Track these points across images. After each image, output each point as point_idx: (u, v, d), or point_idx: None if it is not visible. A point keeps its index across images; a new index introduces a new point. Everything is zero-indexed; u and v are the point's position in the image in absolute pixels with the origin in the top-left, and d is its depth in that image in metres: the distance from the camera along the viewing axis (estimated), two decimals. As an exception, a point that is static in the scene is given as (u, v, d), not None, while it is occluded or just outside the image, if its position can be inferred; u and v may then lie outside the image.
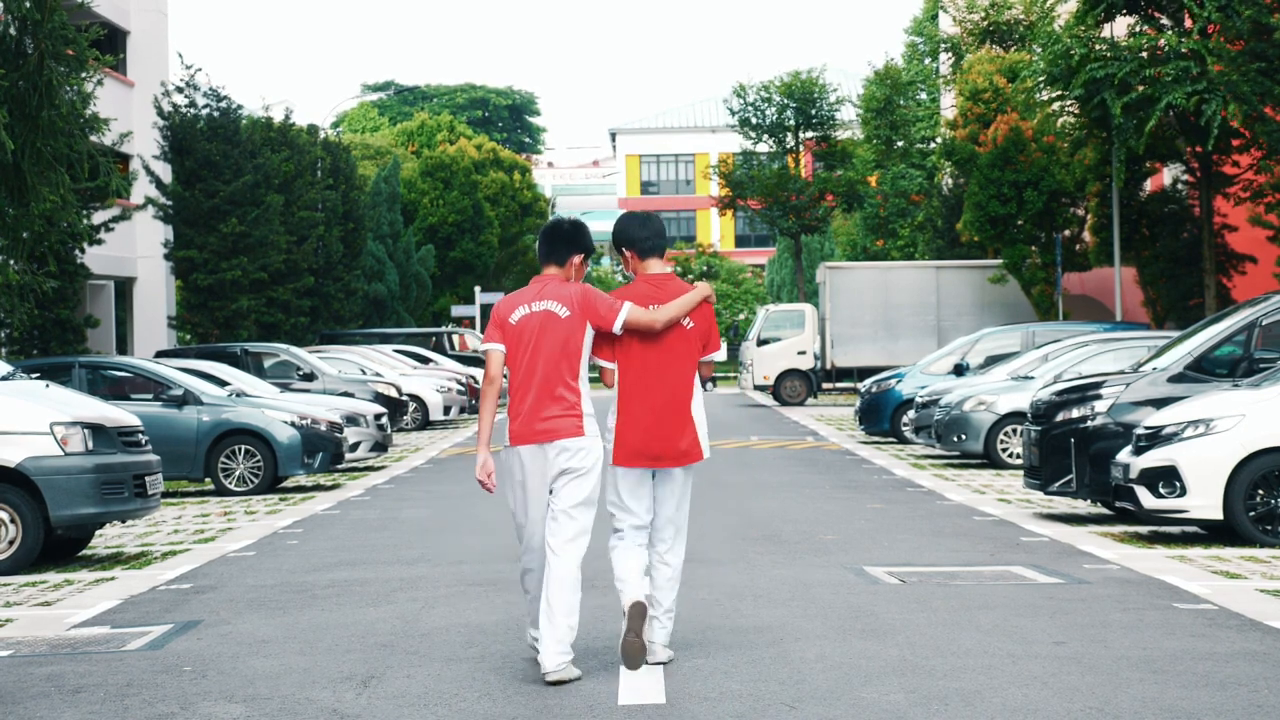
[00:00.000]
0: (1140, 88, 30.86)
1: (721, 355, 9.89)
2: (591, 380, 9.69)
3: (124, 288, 45.58)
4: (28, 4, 24.42)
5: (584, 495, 9.50)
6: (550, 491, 9.52)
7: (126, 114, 41.45)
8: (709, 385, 13.51)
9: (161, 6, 47.74)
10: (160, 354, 33.41)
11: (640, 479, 9.78)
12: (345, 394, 30.96)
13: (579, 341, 9.48)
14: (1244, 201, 33.12)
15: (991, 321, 41.23)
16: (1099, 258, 38.99)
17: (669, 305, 9.48)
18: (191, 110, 42.51)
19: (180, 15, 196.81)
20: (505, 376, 9.69)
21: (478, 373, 45.81)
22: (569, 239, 9.69)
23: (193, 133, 41.97)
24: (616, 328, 9.46)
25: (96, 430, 15.64)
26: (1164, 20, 32.40)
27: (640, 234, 9.74)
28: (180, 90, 42.53)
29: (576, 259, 9.71)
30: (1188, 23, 31.55)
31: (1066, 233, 42.26)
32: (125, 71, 45.64)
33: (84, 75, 26.22)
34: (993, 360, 29.64)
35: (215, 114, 42.82)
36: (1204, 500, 15.10)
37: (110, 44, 42.35)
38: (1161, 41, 31.42)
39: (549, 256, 9.69)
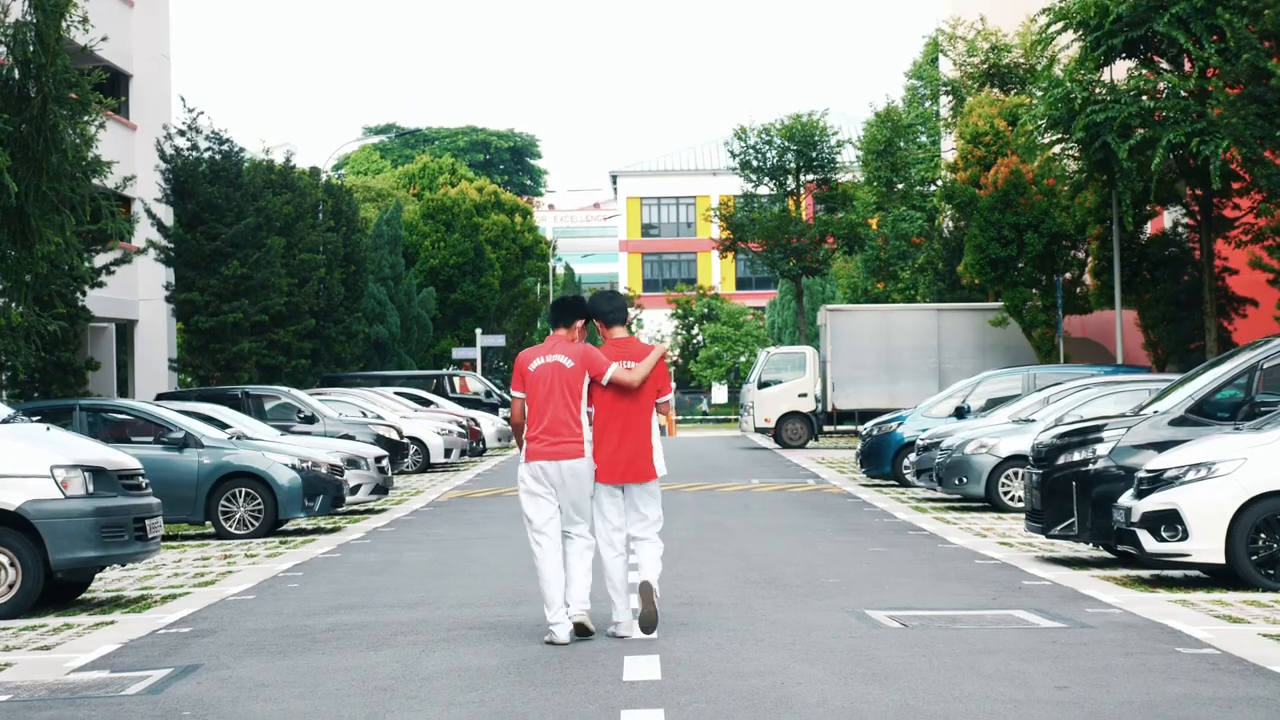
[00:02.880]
0: (1141, 130, 30.91)
1: (670, 396, 13.01)
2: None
3: (125, 330, 45.60)
4: (31, 48, 24.52)
5: (585, 504, 12.68)
6: (560, 499, 12.60)
7: (129, 157, 41.53)
8: (663, 428, 14.42)
9: (164, 50, 47.88)
10: (161, 397, 33.39)
11: (613, 493, 12.78)
12: (346, 436, 30.94)
13: (580, 387, 12.62)
14: (1245, 245, 33.10)
15: (993, 364, 41.20)
16: (1100, 300, 38.98)
17: (640, 366, 12.64)
18: (193, 153, 42.59)
19: (183, 59, 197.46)
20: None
21: (479, 415, 45.90)
22: (572, 309, 12.96)
23: (194, 175, 42.04)
24: (604, 380, 12.63)
25: (97, 473, 15.62)
26: (1163, 64, 32.47)
27: (607, 309, 13.01)
28: (182, 133, 42.61)
29: (578, 324, 12.92)
30: (1187, 66, 31.62)
31: (1067, 275, 42.26)
32: (128, 115, 45.75)
33: (87, 119, 26.29)
34: (994, 403, 29.61)
35: (217, 157, 42.90)
36: (1206, 544, 15.07)
37: (113, 87, 42.44)
38: (1161, 85, 31.50)
39: (557, 323, 12.92)
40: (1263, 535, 15.03)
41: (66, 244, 25.35)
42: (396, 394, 43.54)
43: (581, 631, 12.61)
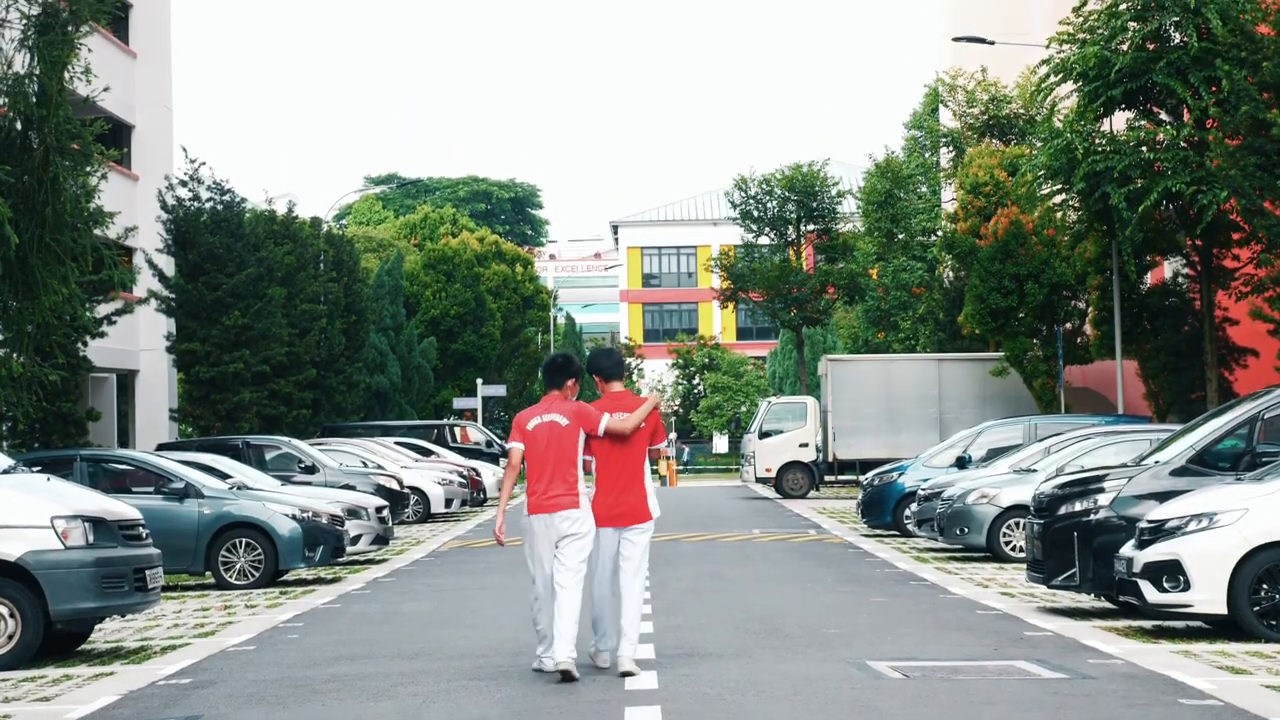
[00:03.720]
0: (1140, 180, 30.99)
1: (664, 444, 13.99)
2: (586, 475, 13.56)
3: (126, 380, 45.58)
4: (33, 99, 24.58)
5: (581, 550, 13.41)
6: (556, 547, 13.38)
7: (130, 207, 41.58)
8: (656, 471, 15.36)
9: (166, 101, 48.00)
10: (162, 447, 33.36)
11: (609, 537, 13.63)
12: (347, 486, 30.92)
13: (575, 443, 13.50)
14: (1245, 295, 33.13)
15: (993, 414, 41.17)
16: (1100, 351, 38.99)
17: (633, 415, 13.57)
18: (195, 203, 42.64)
19: (185, 109, 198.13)
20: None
21: (479, 465, 45.92)
22: (562, 370, 13.83)
23: (196, 226, 42.09)
24: (600, 431, 13.54)
25: (97, 524, 15.61)
26: (1162, 114, 32.58)
27: (606, 364, 13.99)
28: (184, 184, 42.68)
29: (569, 383, 13.83)
30: (1186, 117, 31.71)
31: (1068, 325, 42.29)
32: (130, 165, 45.84)
33: (89, 169, 26.34)
34: (995, 453, 29.60)
35: (219, 207, 42.94)
36: (1208, 595, 15.04)
37: (115, 138, 42.54)
38: (1160, 135, 31.59)
39: (549, 384, 13.81)
40: (1265, 586, 15.00)
41: (69, 295, 25.36)
42: (397, 444, 43.53)
43: (567, 678, 13.13)
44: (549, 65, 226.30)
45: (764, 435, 48.44)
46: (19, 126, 24.82)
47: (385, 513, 27.47)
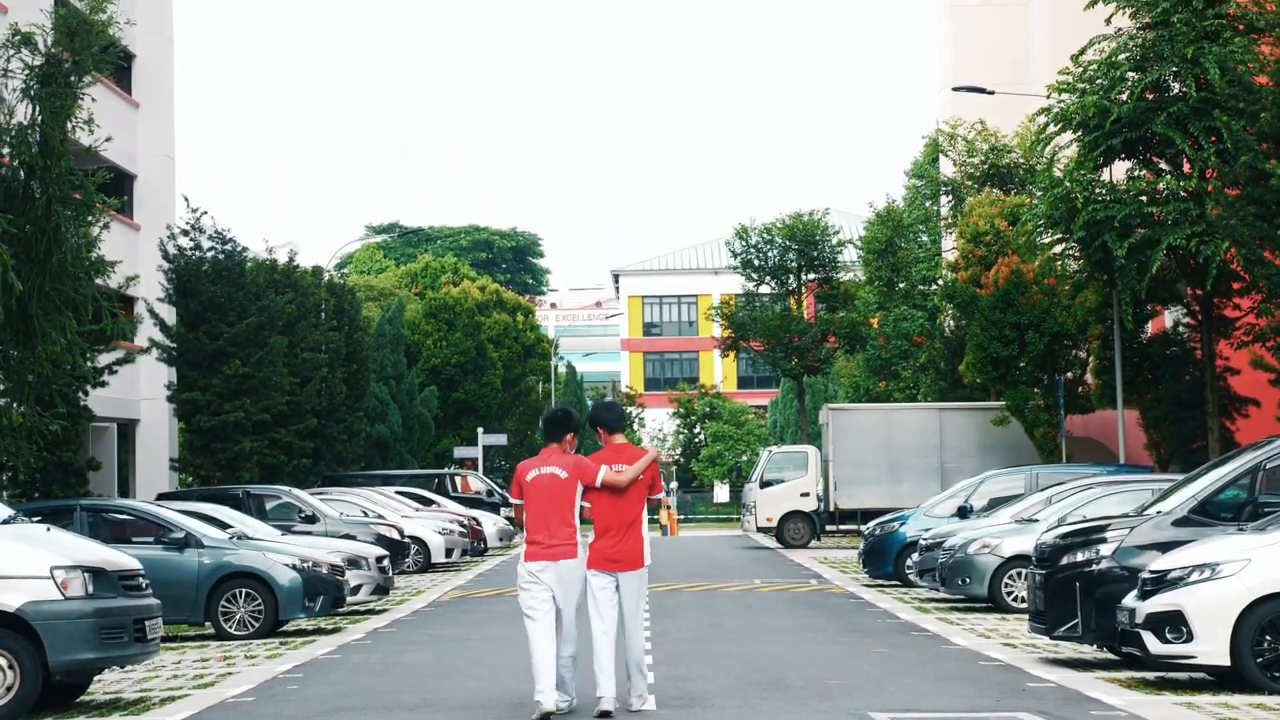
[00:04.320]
0: (1140, 230, 31.03)
1: (662, 495, 14.51)
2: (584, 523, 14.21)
3: (127, 430, 45.55)
4: (35, 150, 24.65)
5: (574, 600, 14.13)
6: (552, 595, 13.96)
7: (132, 257, 41.62)
8: (656, 520, 16.36)
9: (168, 150, 48.11)
10: (162, 496, 33.32)
11: (605, 582, 14.23)
12: (347, 536, 30.85)
13: (573, 494, 14.08)
14: (1246, 345, 33.14)
15: (995, 464, 41.11)
16: (1101, 400, 38.96)
17: (630, 469, 14.12)
18: (196, 253, 42.68)
19: (187, 158, 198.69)
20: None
21: (480, 515, 45.91)
22: (561, 424, 14.44)
23: (197, 275, 42.12)
24: (597, 484, 14.12)
25: (97, 574, 15.57)
26: (1162, 164, 32.63)
27: (608, 417, 14.58)
28: (185, 233, 42.73)
29: (568, 436, 14.42)
30: (1185, 167, 31.76)
31: (1069, 375, 42.27)
32: (131, 215, 45.91)
33: (90, 219, 26.39)
34: (996, 503, 29.56)
35: (220, 256, 42.98)
36: (1211, 646, 15.00)
37: (117, 188, 42.61)
38: (1160, 185, 31.64)
39: (549, 438, 14.43)
40: (1268, 637, 14.95)
41: (69, 344, 25.36)
42: (398, 493, 43.47)
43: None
44: (551, 115, 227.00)
45: (765, 484, 48.39)
46: (21, 176, 24.90)
47: (386, 562, 27.42)
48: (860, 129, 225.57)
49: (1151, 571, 15.60)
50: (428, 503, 44.50)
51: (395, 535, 34.77)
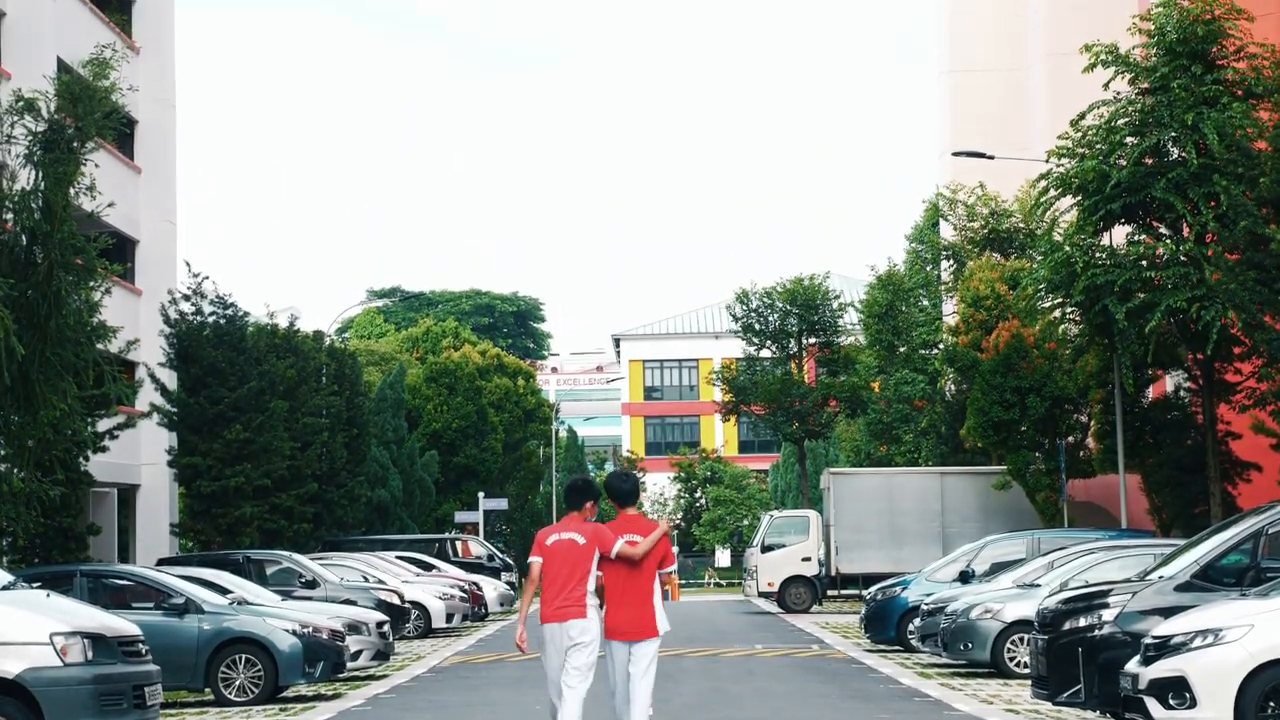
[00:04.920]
0: (1140, 295, 31.06)
1: (673, 567, 15.01)
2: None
3: (127, 495, 45.50)
4: (38, 215, 24.72)
5: (587, 658, 14.42)
6: (565, 654, 14.38)
7: (133, 321, 41.67)
8: (667, 593, 16.56)
9: (170, 216, 48.24)
10: (162, 562, 33.24)
11: (619, 650, 14.63)
12: (347, 601, 30.74)
13: (589, 560, 14.51)
14: (1247, 409, 33.14)
15: (996, 528, 41.03)
16: (1103, 464, 38.92)
17: (644, 542, 14.56)
18: (198, 318, 42.73)
19: (189, 222, 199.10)
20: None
21: (481, 580, 45.80)
22: (583, 493, 14.86)
23: (198, 340, 42.15)
24: (613, 554, 14.55)
25: (97, 640, 15.53)
26: (1162, 229, 32.70)
27: (624, 488, 14.96)
28: (187, 298, 42.80)
29: (588, 504, 14.82)
30: (1185, 231, 31.82)
31: (1070, 439, 42.23)
32: (133, 280, 46.00)
33: (92, 284, 26.43)
34: (998, 567, 29.49)
35: (221, 321, 43.02)
36: (1214, 712, 14.92)
37: (119, 253, 42.72)
38: (1160, 249, 31.69)
39: (570, 505, 14.84)
40: (1271, 703, 14.88)
41: (70, 409, 25.36)
42: (398, 558, 43.38)
43: None
44: (552, 180, 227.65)
45: (766, 549, 48.31)
46: (24, 241, 24.95)
47: (386, 628, 27.33)
48: (861, 193, 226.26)
49: (1154, 637, 15.54)
50: (428, 568, 44.39)
51: (396, 600, 34.67)
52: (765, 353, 65.50)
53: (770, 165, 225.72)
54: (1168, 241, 31.80)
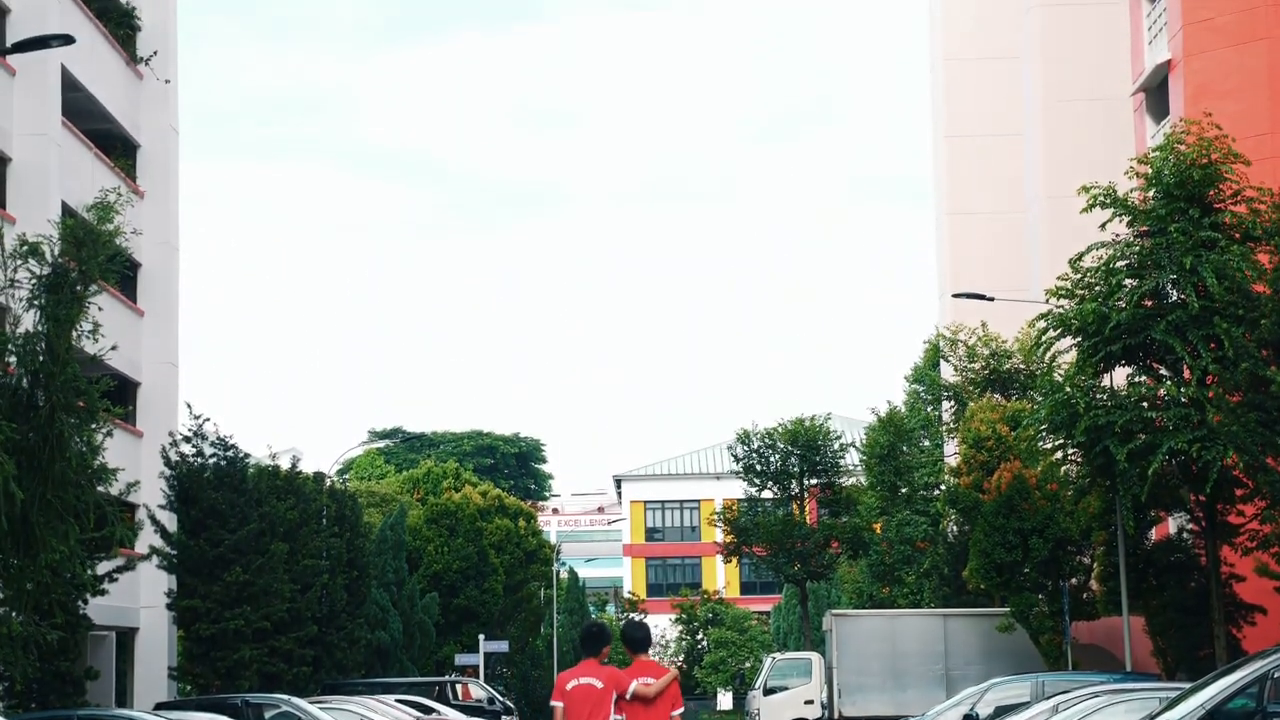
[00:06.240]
0: (1142, 436, 31.03)
1: (680, 710, 15.84)
2: None
3: (126, 638, 45.27)
4: (41, 358, 24.80)
5: None
6: None
7: (134, 463, 41.69)
8: None
9: (172, 358, 48.39)
10: (160, 706, 33.05)
11: None
12: (347, 746, 30.52)
13: (608, 703, 15.41)
14: (1250, 551, 33.01)
15: (1000, 670, 40.77)
16: (1106, 606, 38.73)
17: (656, 684, 15.54)
18: (198, 459, 42.74)
19: (190, 364, 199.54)
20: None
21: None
22: (598, 639, 15.85)
23: (199, 482, 42.12)
24: (628, 694, 15.43)
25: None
26: (1162, 370, 32.72)
27: (637, 636, 16.10)
28: (188, 439, 42.83)
29: (604, 650, 15.75)
30: (1185, 373, 31.83)
31: (1073, 581, 42.02)
32: (134, 422, 46.05)
33: (94, 427, 26.46)
34: (1002, 710, 29.31)
35: (222, 463, 43.03)
36: None
37: (120, 395, 42.80)
38: (1161, 391, 31.69)
39: (587, 651, 15.81)
40: None
41: (70, 552, 25.30)
42: (398, 701, 43.07)
43: None
44: (552, 322, 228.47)
45: (769, 692, 48.01)
46: (26, 385, 25.01)
47: (385, 773, 27.10)
48: (861, 333, 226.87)
49: (1161, 784, 15.40)
50: (428, 711, 44.10)
51: (395, 745, 34.40)
52: (767, 493, 65.39)
53: (772, 304, 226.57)
54: (1169, 383, 31.81)
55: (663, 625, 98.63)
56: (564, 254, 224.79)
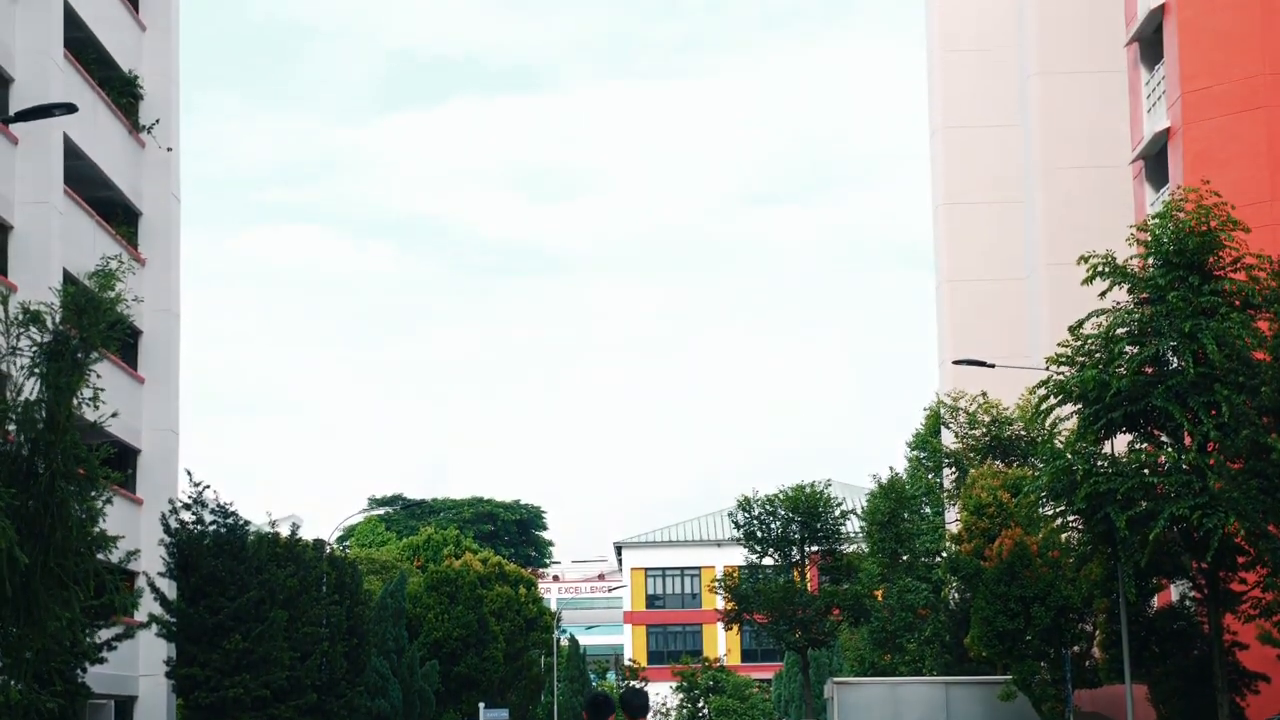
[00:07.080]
0: (1143, 503, 30.98)
1: None
2: None
3: (124, 707, 45.08)
4: (40, 425, 24.78)
5: None
6: None
7: (134, 530, 41.63)
8: None
9: (172, 425, 48.38)
10: (158, 775, 32.85)
11: None
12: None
13: None
14: (1253, 619, 32.90)
15: (1002, 739, 40.61)
16: (1109, 674, 38.57)
17: None
18: (198, 526, 42.68)
19: (191, 430, 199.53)
20: None
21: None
22: (603, 707, 15.82)
23: (199, 549, 42.04)
24: None
25: None
26: (1163, 437, 32.70)
27: (636, 702, 16.02)
28: (188, 507, 42.78)
29: (610, 718, 15.70)
30: (1186, 440, 31.81)
31: (1075, 649, 41.88)
32: (134, 489, 46.00)
33: (94, 494, 26.42)
34: (1005, 780, 29.14)
35: (222, 530, 42.96)
36: None
37: (120, 462, 42.78)
38: (1161, 458, 31.65)
39: (593, 718, 15.78)
40: None
41: (72, 620, 25.23)
42: (397, 771, 42.87)
43: None
44: (553, 389, 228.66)
45: (770, 761, 47.75)
46: (26, 452, 24.98)
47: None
48: (862, 401, 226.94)
49: None
50: (428, 780, 43.86)
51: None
52: (768, 560, 65.25)
53: (771, 371, 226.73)
54: (1169, 450, 31.78)
55: (664, 693, 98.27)
56: (564, 320, 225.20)
